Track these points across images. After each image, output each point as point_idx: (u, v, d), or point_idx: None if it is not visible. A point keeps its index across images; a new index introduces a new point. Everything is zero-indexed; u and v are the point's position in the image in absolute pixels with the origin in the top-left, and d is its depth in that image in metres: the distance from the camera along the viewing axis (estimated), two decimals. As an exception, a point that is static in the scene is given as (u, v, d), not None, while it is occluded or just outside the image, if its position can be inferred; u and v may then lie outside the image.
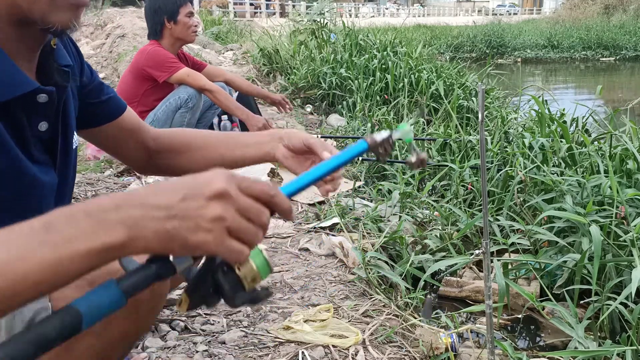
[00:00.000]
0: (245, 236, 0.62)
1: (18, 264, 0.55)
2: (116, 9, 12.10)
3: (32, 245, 0.56)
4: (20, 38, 0.85)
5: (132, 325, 0.86)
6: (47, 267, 0.56)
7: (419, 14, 37.31)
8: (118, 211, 0.58)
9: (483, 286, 1.84)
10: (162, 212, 0.59)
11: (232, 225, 0.61)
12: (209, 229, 0.59)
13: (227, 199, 0.61)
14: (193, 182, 0.61)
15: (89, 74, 1.10)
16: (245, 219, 0.62)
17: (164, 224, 0.58)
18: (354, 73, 6.07)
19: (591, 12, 26.04)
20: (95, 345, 0.86)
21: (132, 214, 0.58)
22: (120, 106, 1.16)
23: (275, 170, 3.26)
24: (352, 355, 1.61)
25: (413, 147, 0.84)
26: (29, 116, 0.87)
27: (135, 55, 3.47)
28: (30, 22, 0.83)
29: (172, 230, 0.59)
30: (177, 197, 0.60)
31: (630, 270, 1.88)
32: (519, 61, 18.44)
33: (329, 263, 2.27)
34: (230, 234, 0.61)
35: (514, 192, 2.63)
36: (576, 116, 3.74)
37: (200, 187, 0.60)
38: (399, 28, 13.08)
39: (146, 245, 0.59)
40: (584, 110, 3.77)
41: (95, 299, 0.61)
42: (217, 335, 1.71)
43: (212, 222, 0.59)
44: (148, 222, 0.58)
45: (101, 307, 0.61)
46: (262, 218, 0.63)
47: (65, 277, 0.57)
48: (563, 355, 1.65)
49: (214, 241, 0.60)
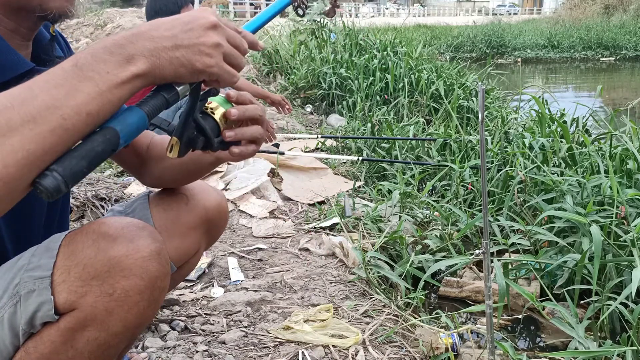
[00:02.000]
0: (235, 60, 0.75)
1: (70, 101, 0.65)
2: (116, 9, 12.10)
3: (74, 84, 0.65)
4: (16, 27, 0.88)
5: (133, 316, 0.87)
6: (94, 99, 0.66)
7: (419, 14, 37.32)
8: (134, 44, 0.69)
9: (483, 286, 1.84)
10: (170, 42, 0.70)
11: (226, 51, 0.74)
12: (210, 54, 0.72)
13: (219, 28, 0.74)
14: (188, 17, 0.73)
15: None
16: (233, 46, 0.75)
17: (174, 52, 0.70)
18: (354, 73, 6.07)
19: (591, 12, 26.02)
20: (97, 338, 0.86)
21: (147, 46, 0.69)
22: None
23: (275, 171, 3.26)
24: (352, 355, 1.61)
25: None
26: None
27: (135, 55, 3.47)
28: (28, 9, 0.86)
29: (181, 57, 0.71)
30: (178, 29, 0.71)
31: (630, 270, 1.88)
32: (519, 61, 18.43)
33: (329, 263, 2.27)
34: (225, 58, 0.74)
35: (514, 192, 2.63)
36: (576, 116, 3.74)
37: (196, 20, 0.72)
38: (399, 28, 13.09)
39: (162, 72, 0.71)
40: (584, 110, 3.78)
41: (126, 119, 0.72)
42: (217, 335, 1.71)
43: (212, 48, 0.73)
44: (161, 52, 0.70)
45: (131, 125, 0.72)
46: (243, 45, 0.78)
47: (109, 106, 0.68)
48: (563, 355, 1.65)
49: (216, 64, 0.73)
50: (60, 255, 0.85)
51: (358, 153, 4.04)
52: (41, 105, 0.64)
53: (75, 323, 0.85)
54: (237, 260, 2.27)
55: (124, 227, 0.87)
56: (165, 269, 0.89)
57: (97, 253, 0.83)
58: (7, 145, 0.62)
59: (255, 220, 2.70)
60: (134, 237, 0.86)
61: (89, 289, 0.83)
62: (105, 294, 0.83)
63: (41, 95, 0.64)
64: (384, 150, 4.03)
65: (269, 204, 2.85)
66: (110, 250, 0.84)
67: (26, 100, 0.64)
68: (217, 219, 1.29)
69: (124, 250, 0.84)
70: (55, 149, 0.66)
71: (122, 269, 0.83)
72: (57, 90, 0.65)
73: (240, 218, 2.74)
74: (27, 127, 0.63)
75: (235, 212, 2.79)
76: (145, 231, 0.88)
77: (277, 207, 2.86)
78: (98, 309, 0.83)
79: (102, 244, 0.84)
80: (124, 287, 0.84)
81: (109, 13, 11.12)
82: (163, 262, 0.89)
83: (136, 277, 0.84)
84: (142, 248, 0.86)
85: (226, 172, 3.16)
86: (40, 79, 0.66)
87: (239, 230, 2.61)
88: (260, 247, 2.40)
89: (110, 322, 0.85)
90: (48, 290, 0.84)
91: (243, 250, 2.37)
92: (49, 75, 0.66)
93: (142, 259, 0.85)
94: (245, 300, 1.90)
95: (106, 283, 0.83)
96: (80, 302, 0.83)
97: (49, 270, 0.84)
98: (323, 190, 3.09)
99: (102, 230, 0.86)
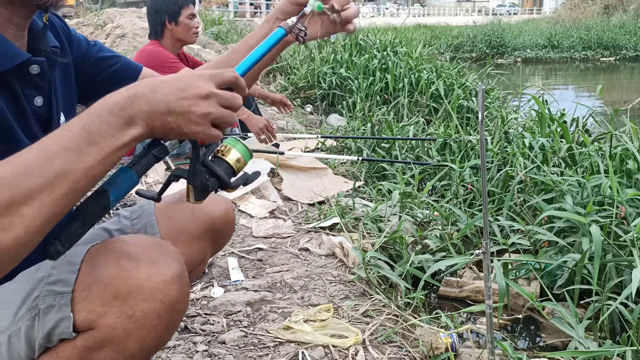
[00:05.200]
0: (223, 121, 0.81)
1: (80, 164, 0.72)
2: (116, 9, 12.10)
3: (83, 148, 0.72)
4: (11, 16, 0.88)
5: (151, 339, 0.86)
6: (100, 163, 0.73)
7: (419, 14, 37.30)
8: (133, 106, 0.75)
9: (483, 286, 1.84)
10: (164, 107, 0.76)
11: (215, 117, 0.79)
12: (198, 122, 0.78)
13: (211, 98, 0.79)
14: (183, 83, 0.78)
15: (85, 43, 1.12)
16: (225, 107, 0.80)
17: (167, 118, 0.77)
18: (354, 73, 6.07)
19: (591, 12, 26.02)
20: (113, 359, 0.85)
21: (144, 109, 0.76)
22: (136, 67, 1.19)
23: (275, 171, 3.26)
24: (352, 355, 1.61)
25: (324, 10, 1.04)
26: (24, 90, 0.90)
27: (136, 55, 3.47)
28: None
29: (172, 122, 0.77)
30: (173, 96, 0.77)
31: (630, 270, 1.87)
32: (519, 61, 18.43)
33: (329, 263, 2.27)
34: (213, 123, 0.80)
35: (514, 192, 2.63)
36: (576, 116, 3.74)
37: (190, 88, 0.78)
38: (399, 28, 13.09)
39: (154, 133, 0.78)
40: (584, 110, 3.77)
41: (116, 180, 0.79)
42: (217, 335, 1.71)
43: (201, 117, 0.78)
44: (155, 116, 0.76)
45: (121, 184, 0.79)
46: (237, 102, 0.82)
47: (110, 166, 0.75)
48: (563, 355, 1.65)
49: (202, 131, 0.79)
50: (82, 270, 0.85)
51: (358, 153, 4.04)
52: (57, 170, 0.70)
53: (92, 342, 0.84)
54: (237, 260, 2.27)
55: (146, 247, 0.87)
56: (185, 292, 0.89)
57: (119, 273, 0.83)
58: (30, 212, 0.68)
59: (255, 220, 2.70)
60: (157, 260, 0.86)
61: (109, 309, 0.82)
62: (125, 316, 0.83)
63: (57, 159, 0.70)
64: (384, 150, 4.03)
65: (269, 204, 2.85)
66: (133, 271, 0.83)
67: (43, 166, 0.69)
68: (223, 228, 1.27)
69: (146, 273, 0.84)
70: (64, 211, 0.73)
71: (143, 292, 0.83)
72: (69, 155, 0.71)
73: (240, 218, 2.74)
74: (45, 193, 0.69)
75: (235, 212, 2.79)
76: (168, 253, 0.88)
77: (277, 207, 2.86)
78: (117, 330, 0.83)
79: (124, 264, 0.84)
80: (144, 309, 0.83)
81: (109, 13, 11.11)
82: (184, 285, 0.88)
83: (157, 301, 0.84)
84: (165, 271, 0.85)
85: (226, 172, 3.16)
86: (51, 142, 0.72)
87: (239, 230, 2.61)
88: (260, 247, 2.40)
89: (127, 344, 0.84)
90: (68, 307, 0.83)
91: (243, 250, 2.37)
92: (60, 138, 0.72)
93: (164, 282, 0.85)
94: (245, 300, 1.90)
95: (126, 304, 0.83)
96: (99, 322, 0.83)
97: (69, 286, 0.84)
98: (323, 190, 3.09)
99: (124, 249, 0.86)
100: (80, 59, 1.10)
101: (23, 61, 0.88)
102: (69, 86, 1.06)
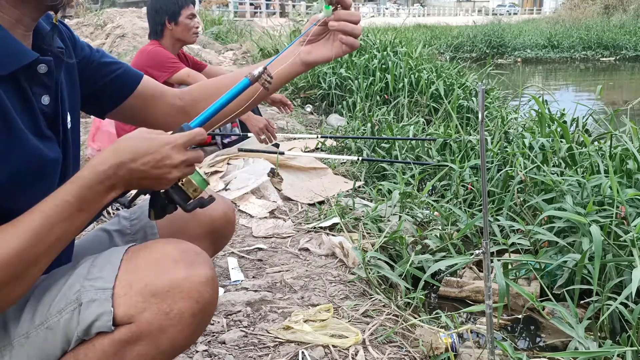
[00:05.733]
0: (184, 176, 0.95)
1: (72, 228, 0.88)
2: (116, 9, 12.10)
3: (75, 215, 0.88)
4: (21, 16, 0.90)
5: (182, 337, 0.91)
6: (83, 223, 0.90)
7: (419, 14, 37.32)
8: (117, 175, 0.89)
9: (483, 286, 1.84)
10: (142, 175, 0.91)
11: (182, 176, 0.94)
12: (167, 183, 0.94)
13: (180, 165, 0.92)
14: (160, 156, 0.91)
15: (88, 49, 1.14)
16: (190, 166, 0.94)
17: (142, 181, 0.92)
18: (354, 73, 6.07)
19: (591, 12, 26.01)
20: (146, 354, 0.89)
21: (125, 177, 0.90)
22: (137, 75, 1.20)
23: (275, 171, 3.26)
24: (352, 355, 1.61)
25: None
26: (32, 88, 0.92)
27: (136, 55, 3.47)
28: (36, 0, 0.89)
29: (146, 184, 0.93)
30: (150, 165, 0.90)
31: (630, 270, 1.87)
32: (519, 61, 18.43)
33: (329, 263, 2.27)
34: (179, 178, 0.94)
35: (514, 192, 2.63)
36: (576, 116, 3.74)
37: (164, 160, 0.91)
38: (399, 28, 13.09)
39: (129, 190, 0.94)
40: (584, 110, 3.77)
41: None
42: (217, 335, 1.71)
43: (170, 181, 0.93)
44: (133, 181, 0.91)
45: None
46: (200, 159, 0.96)
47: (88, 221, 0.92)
48: (563, 355, 1.65)
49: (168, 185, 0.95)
50: (122, 268, 0.90)
51: (358, 153, 4.04)
52: (54, 240, 0.86)
53: (129, 336, 0.88)
54: (237, 260, 2.27)
55: (184, 251, 0.93)
56: (216, 296, 0.95)
57: (159, 272, 0.89)
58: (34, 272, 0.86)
59: (255, 220, 2.70)
60: (194, 262, 0.92)
61: (148, 305, 0.87)
62: (163, 312, 0.88)
63: (55, 229, 0.86)
64: (384, 150, 4.03)
65: (269, 204, 2.85)
66: (172, 271, 0.89)
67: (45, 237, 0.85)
68: (224, 229, 1.28)
69: (184, 274, 0.89)
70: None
71: (181, 291, 0.89)
72: (65, 224, 0.87)
73: (240, 218, 2.74)
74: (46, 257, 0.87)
75: (235, 212, 2.79)
76: (203, 257, 0.94)
77: (277, 207, 2.86)
78: (153, 326, 0.88)
79: (164, 264, 0.90)
80: (180, 308, 0.88)
81: (109, 13, 11.11)
82: (216, 289, 0.94)
83: (192, 300, 0.89)
84: (201, 273, 0.91)
85: (226, 172, 3.16)
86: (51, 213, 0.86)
87: (239, 230, 2.61)
88: (260, 247, 2.40)
89: (161, 340, 0.89)
90: (109, 301, 0.88)
91: (243, 250, 2.37)
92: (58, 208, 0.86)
93: (200, 283, 0.90)
94: (245, 300, 1.90)
95: (165, 302, 0.88)
96: (138, 317, 0.88)
97: (111, 282, 0.89)
98: (323, 190, 3.09)
99: (165, 251, 0.92)
100: (84, 63, 1.12)
101: (32, 60, 0.89)
102: (74, 88, 1.08)
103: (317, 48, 1.13)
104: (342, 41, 1.10)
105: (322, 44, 1.13)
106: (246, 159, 3.30)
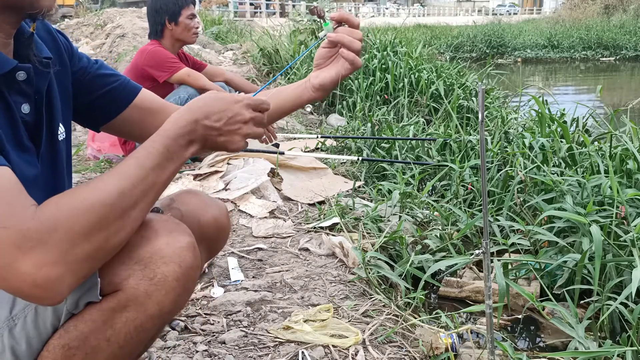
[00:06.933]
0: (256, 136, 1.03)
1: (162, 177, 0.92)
2: (116, 9, 12.10)
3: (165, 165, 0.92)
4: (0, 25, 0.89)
5: (169, 301, 0.93)
6: (172, 174, 0.94)
7: (419, 14, 37.32)
8: (195, 132, 0.96)
9: (483, 286, 1.84)
10: (216, 132, 0.98)
11: (251, 135, 1.01)
12: (239, 141, 1.00)
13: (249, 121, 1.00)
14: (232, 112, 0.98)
15: (85, 60, 1.14)
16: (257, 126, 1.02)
17: (217, 139, 0.99)
18: (354, 73, 6.06)
19: (591, 12, 26.01)
20: (135, 319, 0.91)
21: (201, 133, 0.96)
22: (134, 87, 1.20)
23: (275, 171, 3.26)
24: (352, 355, 1.61)
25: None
26: (12, 97, 0.91)
27: (136, 55, 3.47)
28: (17, 7, 0.89)
29: (220, 142, 0.99)
30: (223, 122, 0.98)
31: (630, 270, 1.87)
32: (519, 61, 18.44)
33: (329, 263, 2.27)
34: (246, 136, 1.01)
35: (514, 192, 2.63)
36: (576, 116, 3.74)
37: (235, 117, 0.98)
38: (399, 28, 13.09)
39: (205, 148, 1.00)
40: (584, 110, 3.77)
41: None
42: (217, 335, 1.71)
43: (243, 137, 1.00)
44: (209, 138, 0.98)
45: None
46: (264, 121, 1.03)
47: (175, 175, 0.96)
48: (563, 355, 1.65)
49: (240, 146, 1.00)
50: None
51: (358, 153, 4.04)
52: (149, 184, 0.89)
53: (116, 303, 0.91)
54: (237, 260, 2.27)
55: (164, 221, 0.98)
56: (197, 262, 0.98)
57: (140, 241, 0.92)
58: (135, 215, 0.88)
59: (255, 220, 2.70)
60: (173, 230, 0.96)
61: (132, 272, 0.91)
62: (147, 278, 0.91)
63: (150, 175, 0.89)
64: (384, 150, 4.03)
65: (269, 204, 2.85)
66: (153, 238, 0.93)
67: (141, 181, 0.88)
68: (214, 234, 1.21)
69: (164, 240, 0.93)
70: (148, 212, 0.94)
71: (163, 256, 0.92)
72: (157, 171, 0.90)
73: (240, 218, 2.74)
74: (143, 202, 0.89)
75: (235, 212, 2.79)
76: (182, 226, 0.98)
77: (277, 207, 2.86)
78: (139, 291, 0.90)
79: (145, 234, 0.93)
80: (163, 272, 0.92)
81: (109, 13, 11.11)
82: (197, 254, 0.97)
83: (175, 264, 0.93)
84: (181, 239, 0.95)
85: (226, 172, 3.16)
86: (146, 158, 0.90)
87: (239, 230, 2.61)
88: (260, 247, 2.40)
89: (148, 305, 0.91)
90: (95, 274, 0.89)
91: (243, 250, 2.37)
92: (151, 156, 0.90)
93: (180, 248, 0.94)
94: (245, 300, 1.90)
95: (148, 268, 0.91)
96: (123, 284, 0.90)
97: None
98: (323, 190, 3.09)
99: (144, 222, 0.94)
100: (80, 74, 1.12)
101: (10, 68, 0.89)
102: (67, 97, 1.07)
103: (324, 71, 1.22)
104: (343, 55, 1.17)
105: (329, 67, 1.22)
106: (246, 158, 3.30)
